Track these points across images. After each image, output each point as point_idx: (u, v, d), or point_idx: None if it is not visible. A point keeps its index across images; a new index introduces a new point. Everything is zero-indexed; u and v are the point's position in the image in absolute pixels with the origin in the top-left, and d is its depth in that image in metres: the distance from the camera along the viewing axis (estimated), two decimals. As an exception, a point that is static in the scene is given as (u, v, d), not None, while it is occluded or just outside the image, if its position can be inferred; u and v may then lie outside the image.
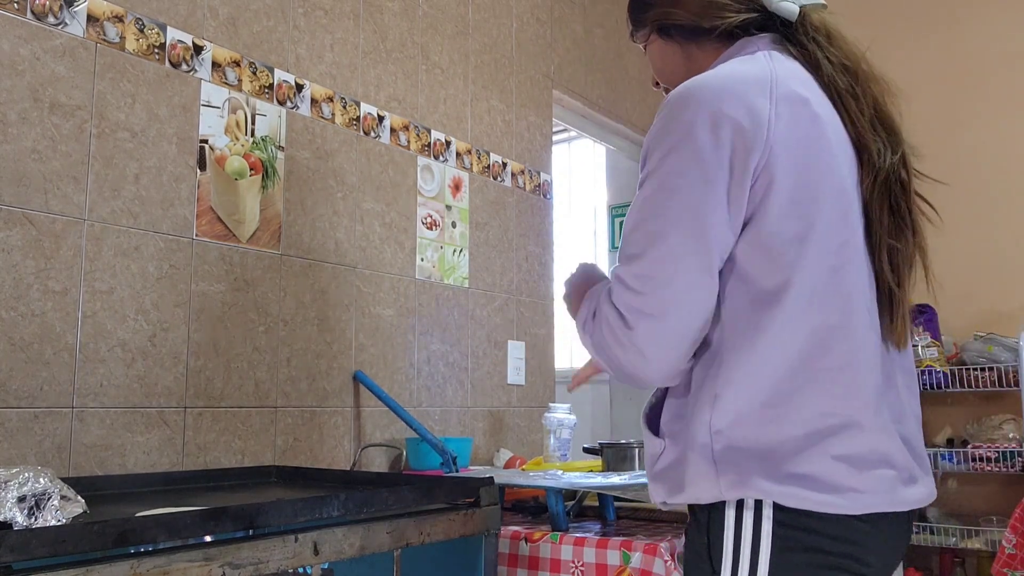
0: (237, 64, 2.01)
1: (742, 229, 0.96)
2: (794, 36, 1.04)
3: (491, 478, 1.60)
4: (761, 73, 0.97)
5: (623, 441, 2.01)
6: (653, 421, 1.09)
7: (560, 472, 1.98)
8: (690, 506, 1.04)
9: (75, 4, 1.70)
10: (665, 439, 1.05)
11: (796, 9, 1.02)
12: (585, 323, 1.05)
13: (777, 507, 0.94)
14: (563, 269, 1.73)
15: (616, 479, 1.78)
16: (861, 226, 0.99)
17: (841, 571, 0.95)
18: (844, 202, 0.97)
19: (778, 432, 0.94)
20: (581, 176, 4.51)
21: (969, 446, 2.94)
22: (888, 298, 1.00)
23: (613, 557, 1.60)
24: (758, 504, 0.95)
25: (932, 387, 3.02)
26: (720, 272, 0.97)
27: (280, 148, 2.10)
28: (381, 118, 2.38)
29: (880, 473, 0.96)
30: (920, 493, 1.01)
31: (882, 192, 0.99)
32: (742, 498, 0.96)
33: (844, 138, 1.00)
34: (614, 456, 1.98)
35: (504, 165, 2.83)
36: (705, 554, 1.00)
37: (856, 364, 0.96)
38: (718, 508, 0.98)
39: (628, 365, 1.00)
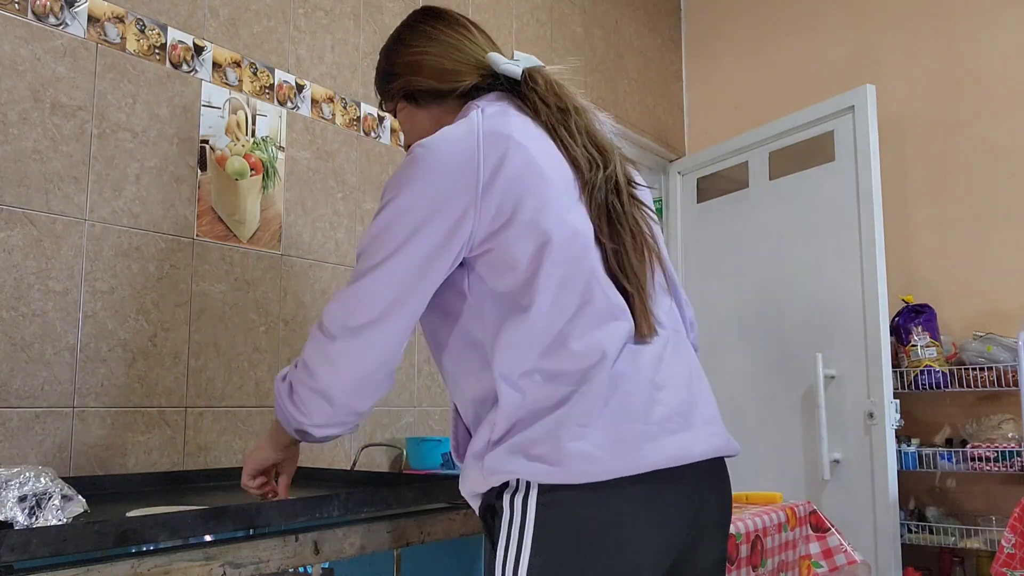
0: (238, 64, 2.01)
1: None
2: (519, 90, 1.20)
3: (491, 478, 1.60)
4: (469, 128, 1.10)
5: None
6: None
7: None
8: None
9: (76, 4, 1.71)
10: None
11: (519, 71, 1.19)
12: None
13: None
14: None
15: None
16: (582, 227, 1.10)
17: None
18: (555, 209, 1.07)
19: None
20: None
21: (968, 446, 2.94)
22: (624, 292, 1.09)
23: (612, 557, 1.60)
24: None
25: (931, 387, 3.02)
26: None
27: (280, 148, 2.10)
28: (381, 118, 2.38)
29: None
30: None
31: (598, 201, 1.11)
32: None
33: (559, 159, 1.12)
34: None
35: (504, 165, 2.83)
36: None
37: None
38: None
39: None
